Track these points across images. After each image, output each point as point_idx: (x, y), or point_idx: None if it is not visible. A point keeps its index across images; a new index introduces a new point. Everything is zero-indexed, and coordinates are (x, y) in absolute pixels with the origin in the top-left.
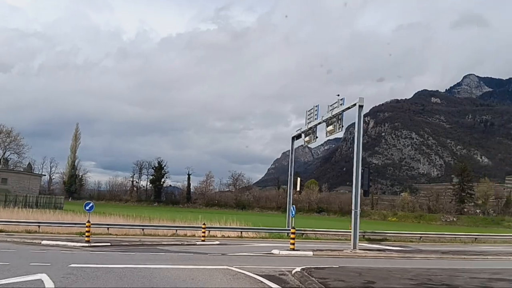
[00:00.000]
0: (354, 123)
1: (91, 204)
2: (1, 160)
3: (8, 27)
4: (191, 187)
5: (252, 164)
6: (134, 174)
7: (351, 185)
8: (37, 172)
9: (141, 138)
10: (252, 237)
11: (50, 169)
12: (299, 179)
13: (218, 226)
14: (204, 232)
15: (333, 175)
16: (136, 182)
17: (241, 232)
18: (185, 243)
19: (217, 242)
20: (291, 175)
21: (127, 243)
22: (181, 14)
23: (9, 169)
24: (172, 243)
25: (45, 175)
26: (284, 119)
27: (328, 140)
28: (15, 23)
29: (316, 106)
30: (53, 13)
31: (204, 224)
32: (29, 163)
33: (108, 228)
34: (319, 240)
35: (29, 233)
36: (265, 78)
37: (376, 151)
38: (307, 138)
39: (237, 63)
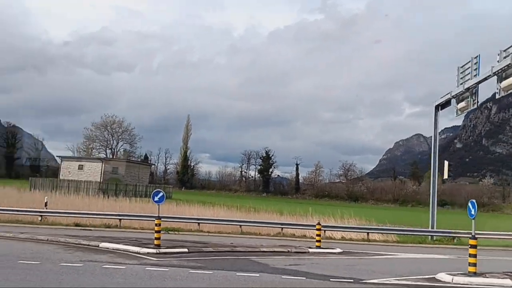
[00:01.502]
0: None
1: (160, 194)
2: (116, 151)
3: (131, 30)
4: (299, 177)
5: (362, 155)
6: (243, 164)
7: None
8: (150, 163)
9: (251, 131)
10: (383, 241)
11: (165, 160)
12: (446, 162)
13: (335, 224)
14: (319, 235)
15: (452, 165)
16: (245, 172)
17: (368, 233)
18: (293, 250)
19: (338, 250)
20: (434, 158)
21: (211, 249)
22: (288, 6)
23: (120, 159)
24: (275, 250)
25: (154, 165)
26: (396, 108)
27: (445, 128)
28: (136, 26)
29: (476, 57)
30: (169, 15)
31: (318, 223)
32: (146, 154)
33: (198, 223)
34: (488, 248)
35: (109, 227)
36: (375, 66)
37: (500, 139)
38: (462, 104)
39: (346, 51)
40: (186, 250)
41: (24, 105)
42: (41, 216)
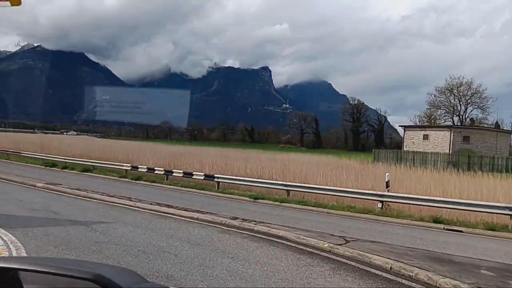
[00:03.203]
0: None
1: None
2: (465, 117)
3: None
4: None
5: None
6: None
7: None
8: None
9: None
10: None
11: None
12: None
13: None
14: None
15: None
16: None
17: None
18: None
19: None
20: None
21: None
22: None
23: (471, 126)
24: None
25: None
26: None
27: None
28: None
29: None
30: None
31: None
32: (497, 122)
33: None
34: None
35: (492, 229)
36: None
37: None
38: None
39: None
40: None
41: (368, 83)
42: (381, 202)
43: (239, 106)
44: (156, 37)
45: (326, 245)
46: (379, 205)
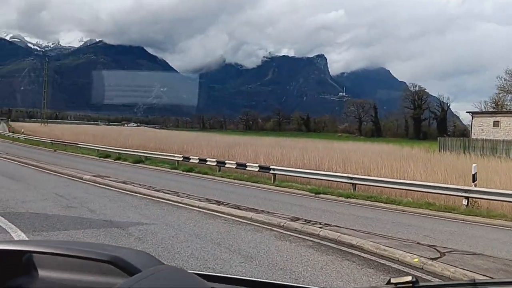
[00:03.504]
0: None
1: None
2: None
3: None
4: None
5: None
6: None
7: None
8: None
9: None
10: None
11: None
12: None
13: None
14: None
15: None
16: None
17: None
18: None
19: None
20: None
21: None
22: None
23: None
24: None
25: None
26: None
27: None
28: None
29: None
30: None
31: None
32: None
33: None
34: None
35: None
36: None
37: None
38: None
39: None
40: None
41: (427, 69)
42: (467, 198)
43: (294, 95)
44: (211, 29)
45: (416, 259)
46: (464, 202)
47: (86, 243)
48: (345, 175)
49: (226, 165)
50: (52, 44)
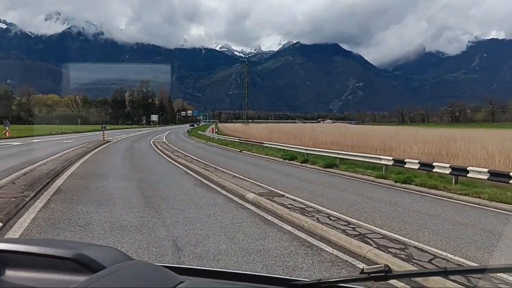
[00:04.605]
0: None
1: None
2: None
3: None
4: None
5: None
6: None
7: None
8: None
9: None
10: None
11: None
12: None
13: None
14: None
15: None
16: None
17: None
18: None
19: None
20: None
21: None
22: None
23: None
24: None
25: None
26: None
27: None
28: None
29: None
30: None
31: None
32: None
33: None
34: None
35: None
36: None
37: None
38: None
39: None
40: None
41: None
42: None
43: (506, 82)
44: (407, 17)
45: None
46: None
47: (50, 240)
48: None
49: (468, 175)
50: (254, 50)
